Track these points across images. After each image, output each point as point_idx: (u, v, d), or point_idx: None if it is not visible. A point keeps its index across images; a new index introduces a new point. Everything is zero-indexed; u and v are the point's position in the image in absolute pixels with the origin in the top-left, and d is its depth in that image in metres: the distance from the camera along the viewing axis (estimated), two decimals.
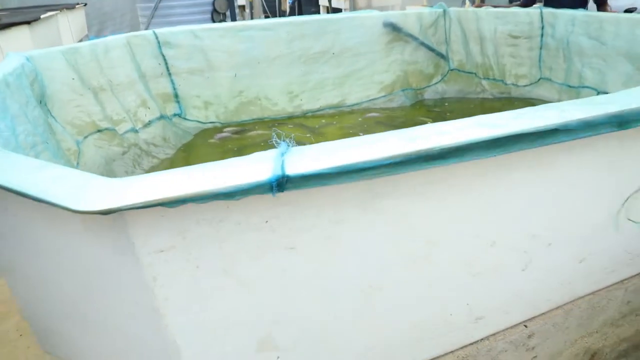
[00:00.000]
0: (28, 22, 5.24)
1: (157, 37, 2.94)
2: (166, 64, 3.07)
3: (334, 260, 1.09)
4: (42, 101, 2.18)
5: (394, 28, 3.46)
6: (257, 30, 3.20)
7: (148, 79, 3.00)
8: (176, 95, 3.17)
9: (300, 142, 0.85)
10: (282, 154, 0.81)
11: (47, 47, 2.50)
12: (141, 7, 5.82)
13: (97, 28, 9.13)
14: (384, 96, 3.64)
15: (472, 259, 1.30)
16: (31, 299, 1.33)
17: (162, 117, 3.10)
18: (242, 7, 8.85)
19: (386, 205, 1.06)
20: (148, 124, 2.93)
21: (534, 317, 1.67)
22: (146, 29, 5.73)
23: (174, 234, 0.90)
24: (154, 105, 3.04)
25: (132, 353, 1.13)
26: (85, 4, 8.26)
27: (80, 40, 7.42)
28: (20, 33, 5.08)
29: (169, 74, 3.10)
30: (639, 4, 3.81)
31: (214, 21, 5.89)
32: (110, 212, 0.75)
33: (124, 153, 2.60)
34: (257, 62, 3.28)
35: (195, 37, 3.07)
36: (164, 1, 5.53)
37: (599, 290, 1.79)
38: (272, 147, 0.85)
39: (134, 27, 9.56)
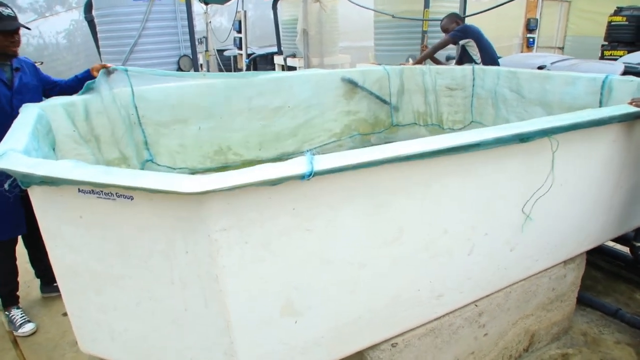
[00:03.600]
0: None
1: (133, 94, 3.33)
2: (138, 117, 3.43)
3: (334, 240, 1.56)
4: (54, 149, 2.56)
5: (350, 82, 4.12)
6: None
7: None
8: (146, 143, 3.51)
9: None
10: (311, 158, 1.31)
11: None
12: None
13: None
14: (334, 141, 4.23)
15: (430, 244, 1.81)
16: (88, 297, 1.68)
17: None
18: (201, 66, 9.46)
19: (368, 199, 1.57)
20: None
21: (481, 298, 2.18)
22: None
23: (234, 217, 1.34)
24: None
25: (189, 322, 1.52)
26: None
27: None
28: None
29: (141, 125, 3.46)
30: (548, 61, 4.75)
31: None
32: (207, 193, 1.20)
33: None
34: (220, 117, 3.72)
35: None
36: (131, 60, 5.99)
37: (529, 277, 2.34)
38: None
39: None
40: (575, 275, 2.61)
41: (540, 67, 4.58)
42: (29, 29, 2.96)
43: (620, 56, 7.73)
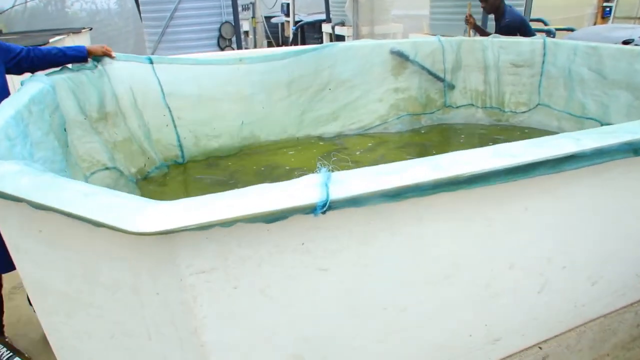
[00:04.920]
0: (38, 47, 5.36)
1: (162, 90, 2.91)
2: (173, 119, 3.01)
3: (362, 281, 1.13)
4: (65, 129, 2.24)
5: (400, 55, 3.58)
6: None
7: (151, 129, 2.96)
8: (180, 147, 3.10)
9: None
10: (328, 178, 0.87)
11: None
12: (148, 32, 5.95)
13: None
14: (379, 124, 3.71)
15: (492, 281, 1.34)
16: (61, 319, 1.36)
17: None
18: (246, 33, 9.05)
19: (413, 228, 1.12)
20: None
21: (548, 339, 1.70)
22: (152, 53, 5.86)
23: (217, 256, 0.94)
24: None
25: None
26: (91, 28, 8.45)
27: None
28: None
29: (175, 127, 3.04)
30: (636, 35, 3.96)
31: (220, 46, 6.02)
32: (167, 233, 0.80)
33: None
34: (261, 106, 3.28)
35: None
36: (171, 27, 5.65)
37: (610, 313, 1.83)
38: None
39: (138, 51, 9.72)
40: None
41: (625, 42, 3.82)
42: None
43: None
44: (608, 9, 7.57)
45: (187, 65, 2.93)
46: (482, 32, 4.28)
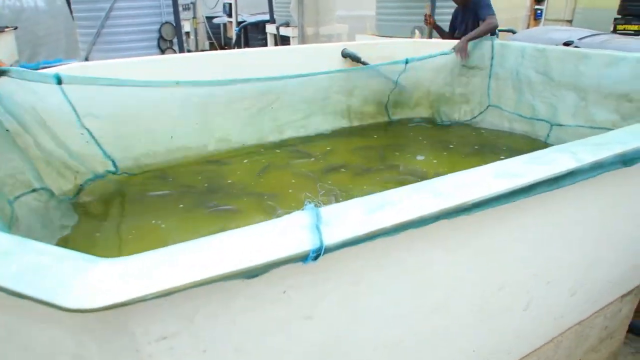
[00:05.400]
0: None
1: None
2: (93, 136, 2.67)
3: (352, 321, 0.98)
4: None
5: (353, 58, 3.46)
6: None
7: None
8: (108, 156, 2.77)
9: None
10: (317, 224, 0.70)
11: None
12: (82, 32, 5.48)
13: (29, 53, 8.53)
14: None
15: (483, 304, 1.23)
16: None
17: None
18: (187, 34, 8.63)
19: (406, 259, 0.98)
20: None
21: (529, 354, 1.63)
22: (86, 57, 5.40)
23: (180, 317, 0.75)
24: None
25: None
26: (16, 28, 7.72)
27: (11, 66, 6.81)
28: None
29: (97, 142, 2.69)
30: (574, 37, 4.08)
31: (160, 48, 5.66)
32: (117, 307, 0.60)
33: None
34: (195, 122, 3.02)
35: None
36: (107, 27, 5.22)
37: (584, 320, 1.80)
38: None
39: (70, 53, 9.01)
40: (629, 308, 2.07)
41: (566, 44, 3.92)
42: None
43: (635, 31, 7.03)
44: (539, 12, 7.89)
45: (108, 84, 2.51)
46: (442, 31, 4.25)
